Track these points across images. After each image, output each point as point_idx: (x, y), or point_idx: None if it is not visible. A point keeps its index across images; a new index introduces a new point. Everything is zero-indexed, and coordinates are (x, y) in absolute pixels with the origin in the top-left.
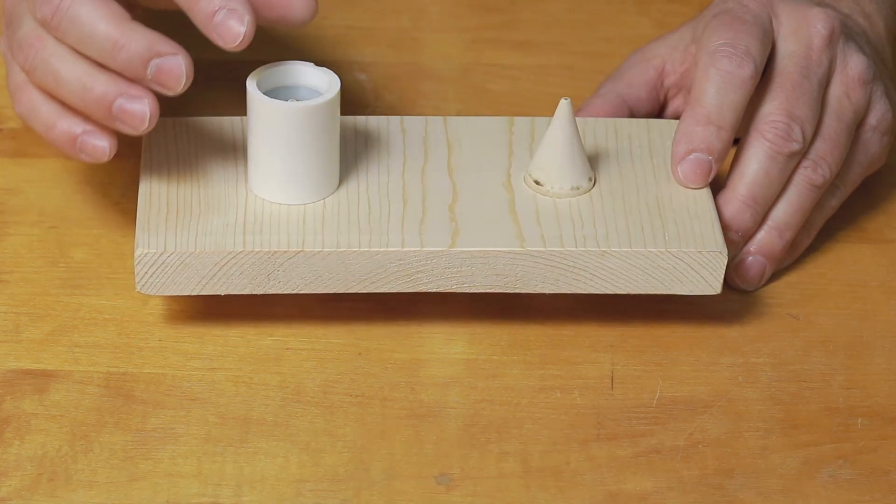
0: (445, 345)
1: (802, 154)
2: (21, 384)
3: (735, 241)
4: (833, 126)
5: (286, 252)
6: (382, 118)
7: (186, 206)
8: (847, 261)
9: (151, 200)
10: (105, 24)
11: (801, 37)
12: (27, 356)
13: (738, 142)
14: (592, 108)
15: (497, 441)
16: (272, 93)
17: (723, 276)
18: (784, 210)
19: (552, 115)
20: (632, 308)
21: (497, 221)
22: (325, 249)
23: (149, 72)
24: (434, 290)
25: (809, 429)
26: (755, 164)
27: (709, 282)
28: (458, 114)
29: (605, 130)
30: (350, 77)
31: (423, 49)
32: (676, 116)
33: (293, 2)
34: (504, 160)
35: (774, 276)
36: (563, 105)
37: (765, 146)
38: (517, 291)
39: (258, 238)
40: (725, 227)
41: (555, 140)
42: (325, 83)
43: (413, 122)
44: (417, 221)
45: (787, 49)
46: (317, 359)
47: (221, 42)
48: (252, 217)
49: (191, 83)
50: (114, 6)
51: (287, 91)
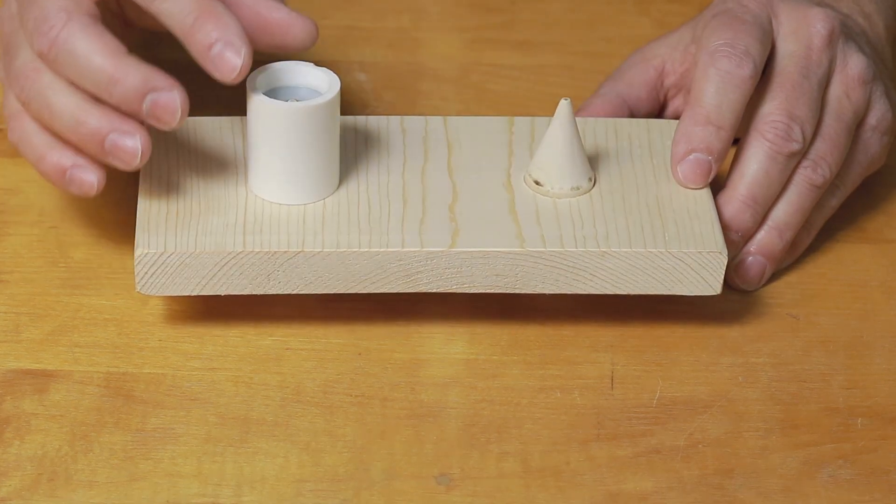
0: (445, 345)
1: (802, 154)
2: (21, 384)
3: (735, 242)
4: (833, 126)
5: (286, 252)
6: (382, 118)
7: (186, 206)
8: (847, 261)
9: (151, 200)
10: (100, 59)
11: (801, 37)
12: (27, 356)
13: (738, 142)
14: (592, 108)
15: (497, 441)
16: (272, 93)
17: (723, 277)
18: (784, 210)
19: (552, 115)
20: (632, 308)
21: (497, 221)
22: (325, 250)
23: (144, 106)
24: (434, 290)
25: (809, 429)
26: (755, 164)
27: (709, 282)
28: (458, 114)
29: (605, 130)
30: (350, 77)
31: (423, 49)
32: (676, 116)
33: (293, 28)
34: (504, 160)
35: (774, 276)
36: (563, 105)
37: (765, 146)
38: (517, 291)
39: (258, 238)
40: (725, 228)
41: (555, 140)
42: (325, 83)
43: (413, 122)
44: (417, 221)
45: (787, 49)
46: (317, 359)
47: (218, 74)
48: (252, 217)
49: (186, 117)
50: (110, 39)
51: (287, 91)
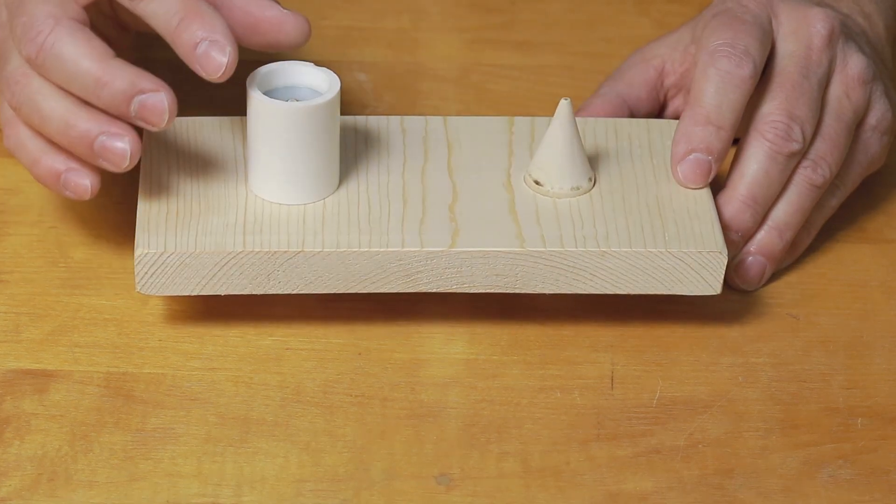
0: (445, 345)
1: (802, 154)
2: (21, 384)
3: (735, 241)
4: (833, 126)
5: (286, 252)
6: (382, 118)
7: (186, 206)
8: (847, 261)
9: (151, 200)
10: (88, 62)
11: (801, 37)
12: (27, 356)
13: (738, 142)
14: (592, 108)
15: (497, 441)
16: (272, 93)
17: (723, 277)
18: (784, 210)
19: (552, 115)
20: (632, 308)
21: (497, 221)
22: (325, 249)
23: (132, 108)
24: (434, 290)
25: (809, 429)
26: (755, 164)
27: (709, 282)
28: (458, 114)
29: (605, 130)
30: (350, 77)
31: (423, 49)
32: (676, 116)
33: (286, 26)
34: (504, 160)
35: (774, 276)
36: (563, 105)
37: (765, 146)
38: (517, 291)
39: (258, 238)
40: (725, 227)
41: (555, 140)
42: (325, 83)
43: (413, 122)
44: (417, 221)
45: (787, 49)
46: (317, 359)
47: (204, 73)
48: (252, 217)
49: (174, 118)
50: (97, 43)
51: (287, 91)
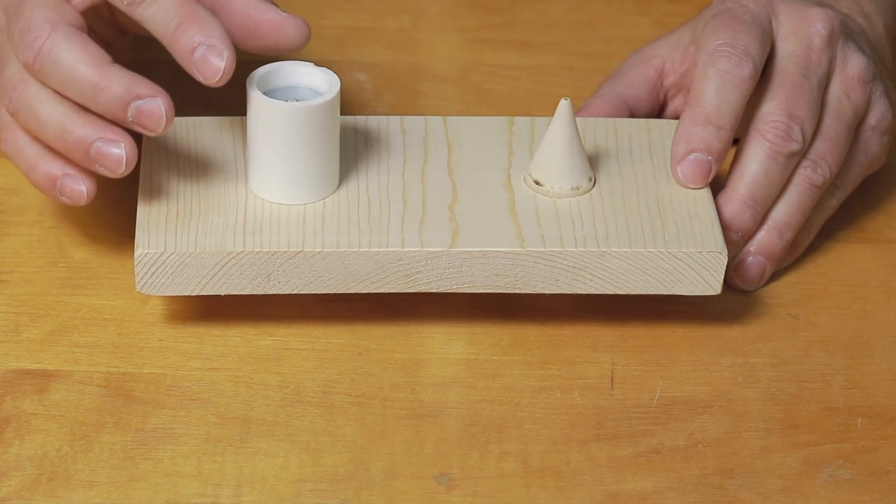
0: (445, 345)
1: (802, 154)
2: (21, 384)
3: (735, 241)
4: (833, 126)
5: (286, 252)
6: (382, 118)
7: (186, 206)
8: (847, 261)
9: (151, 200)
10: (85, 68)
11: (801, 37)
12: (27, 356)
13: (738, 142)
14: (592, 108)
15: (497, 441)
16: (272, 93)
17: (723, 277)
18: (784, 210)
19: (552, 115)
20: (632, 308)
21: (497, 221)
22: (325, 250)
23: (129, 114)
24: (434, 290)
25: (809, 429)
26: (755, 164)
27: (709, 282)
28: (458, 114)
29: (605, 130)
30: (350, 77)
31: (423, 49)
32: (676, 116)
33: (285, 29)
34: (504, 160)
35: (774, 276)
36: (563, 105)
37: (765, 146)
38: (517, 291)
39: (258, 238)
40: (725, 227)
41: (555, 140)
42: (325, 83)
43: (413, 122)
44: (417, 221)
45: (787, 49)
46: (317, 359)
47: (201, 77)
48: (252, 217)
49: (171, 123)
50: (94, 49)
51: (287, 91)
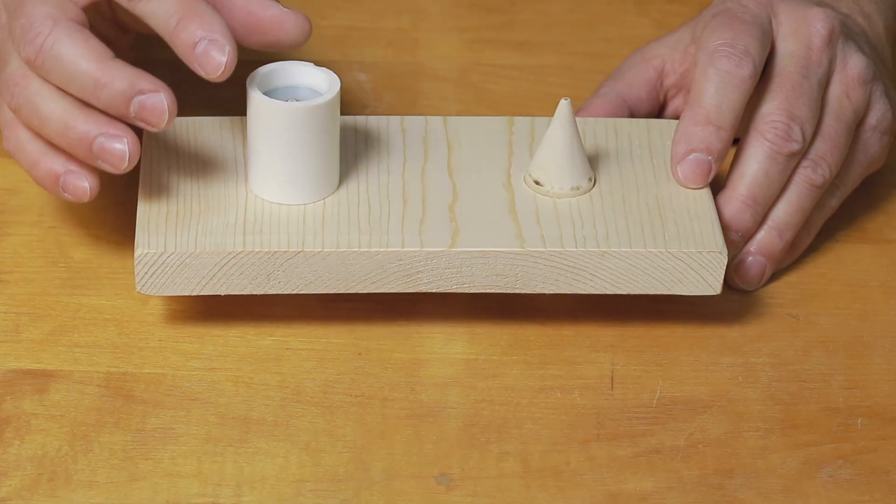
0: (445, 345)
1: (802, 154)
2: (21, 384)
3: (735, 241)
4: (833, 126)
5: (286, 252)
6: (382, 118)
7: (186, 206)
8: (847, 261)
9: (151, 200)
10: (87, 63)
11: (801, 37)
12: (27, 356)
13: (738, 142)
14: (592, 108)
15: (497, 441)
16: (272, 93)
17: (723, 277)
18: (784, 210)
19: (552, 115)
20: (632, 308)
21: (497, 221)
22: (325, 249)
23: (131, 109)
24: (434, 290)
25: (809, 429)
26: (755, 164)
27: (709, 282)
28: (458, 114)
29: (605, 130)
30: (350, 77)
31: (423, 49)
32: (676, 116)
33: (286, 25)
34: (504, 160)
35: (774, 276)
36: (563, 105)
37: (765, 146)
38: (517, 291)
39: (258, 238)
40: (725, 227)
41: (555, 140)
42: (325, 83)
43: (413, 122)
44: (417, 221)
45: (787, 49)
46: (317, 359)
47: (203, 72)
48: (252, 217)
49: (174, 119)
50: (96, 44)
51: (287, 91)
